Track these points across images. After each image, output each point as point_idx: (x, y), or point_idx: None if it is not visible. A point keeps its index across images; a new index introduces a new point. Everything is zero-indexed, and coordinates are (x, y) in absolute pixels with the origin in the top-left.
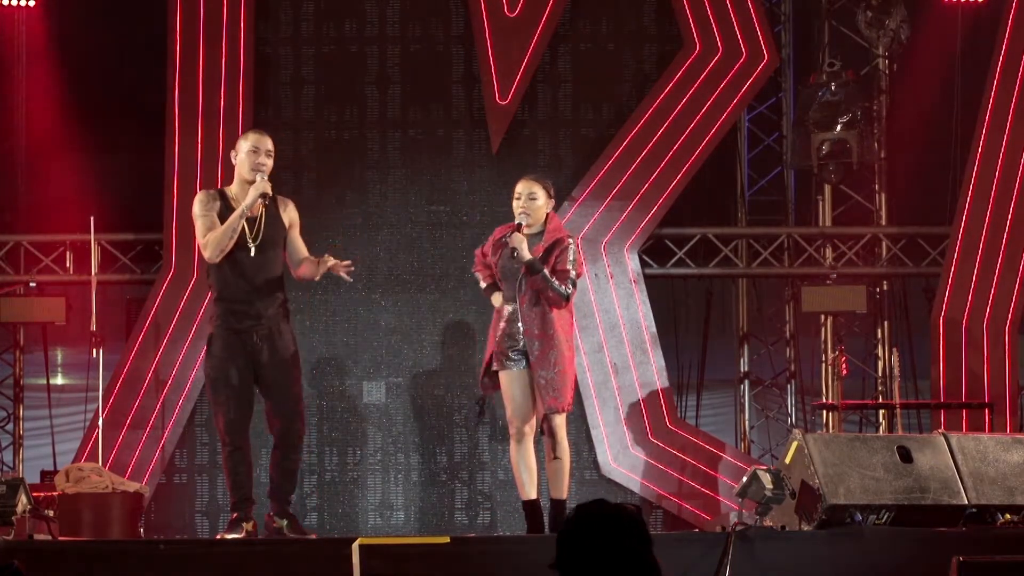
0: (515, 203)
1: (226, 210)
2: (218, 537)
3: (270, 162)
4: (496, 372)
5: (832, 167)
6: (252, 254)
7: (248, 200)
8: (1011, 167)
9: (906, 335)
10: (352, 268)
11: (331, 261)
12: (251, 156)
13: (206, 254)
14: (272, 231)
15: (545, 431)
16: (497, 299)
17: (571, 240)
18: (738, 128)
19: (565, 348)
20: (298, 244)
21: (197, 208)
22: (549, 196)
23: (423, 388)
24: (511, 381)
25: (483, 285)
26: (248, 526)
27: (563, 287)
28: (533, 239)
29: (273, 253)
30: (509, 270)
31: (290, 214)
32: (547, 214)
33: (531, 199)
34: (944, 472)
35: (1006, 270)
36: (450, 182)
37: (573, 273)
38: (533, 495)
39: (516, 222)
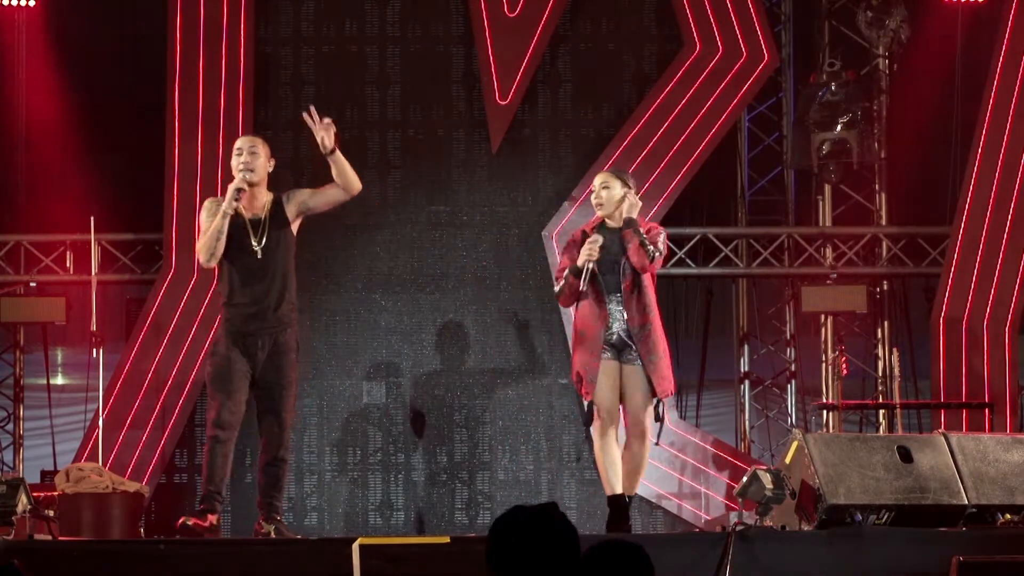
0: (591, 198)
1: (232, 217)
2: (179, 523)
3: (257, 159)
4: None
5: (832, 167)
6: (258, 256)
7: (226, 201)
8: (1011, 167)
9: (906, 335)
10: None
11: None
12: (235, 158)
13: (200, 260)
14: (277, 233)
15: (654, 416)
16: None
17: (663, 232)
18: (738, 128)
19: (661, 335)
20: (317, 194)
21: (202, 215)
22: (622, 185)
23: (423, 388)
24: (604, 373)
25: (576, 267)
26: (215, 519)
27: (653, 247)
28: (614, 234)
29: (279, 255)
30: (607, 261)
31: (294, 204)
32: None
33: (604, 188)
34: (944, 472)
35: (1006, 270)
36: (450, 182)
37: (662, 245)
38: (618, 490)
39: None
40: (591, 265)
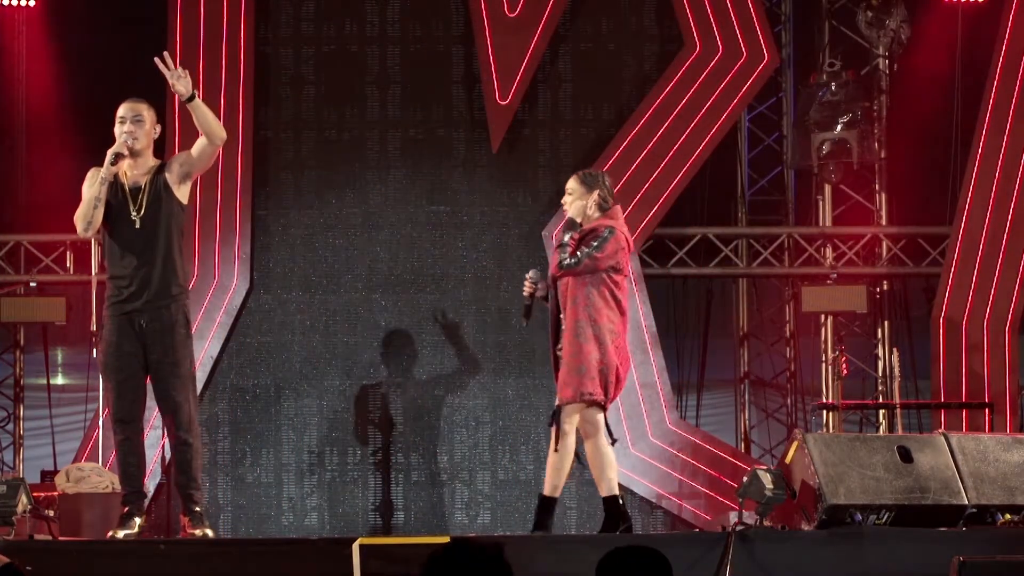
0: None
1: (113, 185)
2: (108, 535)
3: (141, 127)
4: None
5: (832, 167)
6: (137, 227)
7: (104, 168)
8: (1011, 167)
9: (906, 335)
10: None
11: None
12: (118, 126)
13: (77, 230)
14: (158, 200)
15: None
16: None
17: (607, 231)
18: (738, 128)
19: (584, 338)
20: (193, 149)
21: (84, 185)
22: (587, 190)
23: (423, 388)
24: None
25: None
26: (141, 521)
27: (566, 254)
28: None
29: (161, 225)
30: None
31: (176, 166)
32: (605, 211)
33: (568, 194)
34: (944, 472)
35: (1006, 270)
36: (450, 182)
37: (583, 252)
38: (546, 492)
39: None
40: (530, 300)
